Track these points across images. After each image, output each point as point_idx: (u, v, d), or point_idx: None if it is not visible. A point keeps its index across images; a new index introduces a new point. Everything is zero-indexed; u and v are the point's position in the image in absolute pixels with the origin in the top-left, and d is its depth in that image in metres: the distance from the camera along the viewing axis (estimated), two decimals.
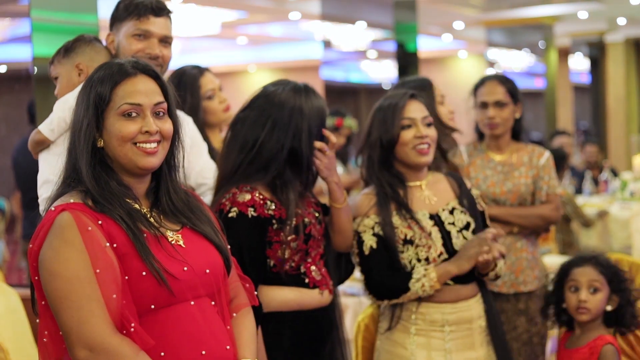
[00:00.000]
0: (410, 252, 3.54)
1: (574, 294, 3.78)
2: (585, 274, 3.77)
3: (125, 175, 2.62)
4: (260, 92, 3.42)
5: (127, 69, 2.62)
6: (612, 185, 10.88)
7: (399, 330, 3.60)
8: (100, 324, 2.40)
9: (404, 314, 3.58)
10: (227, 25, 13.82)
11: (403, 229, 3.55)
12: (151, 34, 3.53)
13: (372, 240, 3.56)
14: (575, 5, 14.22)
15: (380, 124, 3.64)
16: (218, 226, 2.83)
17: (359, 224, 3.59)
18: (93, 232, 2.47)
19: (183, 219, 2.69)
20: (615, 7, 14.03)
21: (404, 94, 3.69)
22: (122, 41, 3.54)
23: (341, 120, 7.77)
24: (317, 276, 3.41)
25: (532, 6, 14.36)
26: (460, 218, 3.65)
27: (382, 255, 3.55)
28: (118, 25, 3.57)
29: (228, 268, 2.75)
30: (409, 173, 3.67)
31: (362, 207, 3.62)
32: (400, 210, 3.59)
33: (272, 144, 3.31)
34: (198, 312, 2.58)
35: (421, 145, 3.61)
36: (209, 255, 2.67)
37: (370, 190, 3.66)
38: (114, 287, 2.44)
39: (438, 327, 3.56)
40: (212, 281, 2.64)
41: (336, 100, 12.90)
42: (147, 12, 3.54)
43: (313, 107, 3.39)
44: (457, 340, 3.58)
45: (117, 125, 2.57)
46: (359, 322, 3.90)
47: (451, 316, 3.56)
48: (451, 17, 14.68)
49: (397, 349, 3.60)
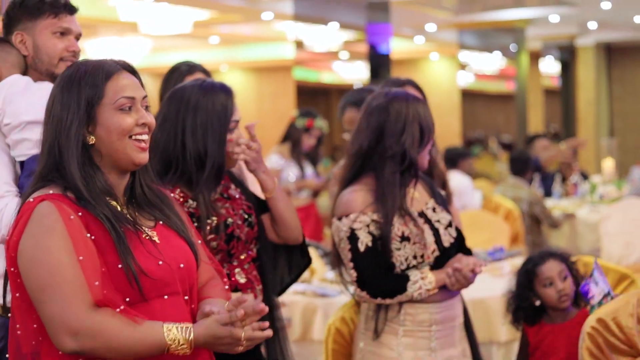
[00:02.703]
0: (407, 249, 3.54)
1: (550, 288, 4.00)
2: (554, 267, 4.02)
3: (112, 173, 2.62)
4: (169, 93, 3.43)
5: (112, 66, 2.64)
6: (581, 189, 10.95)
7: (386, 332, 3.61)
8: (83, 308, 2.40)
9: (392, 315, 3.59)
10: (199, 25, 13.81)
11: (399, 225, 3.55)
12: (70, 31, 3.48)
13: (368, 239, 3.54)
14: (547, 9, 14.32)
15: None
16: (189, 222, 2.85)
17: (353, 220, 3.57)
18: (75, 221, 2.47)
19: (157, 213, 2.71)
20: (587, 11, 14.13)
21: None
22: (40, 40, 3.44)
23: (312, 121, 7.78)
24: (240, 279, 3.39)
25: (504, 9, 14.44)
26: (443, 216, 3.69)
27: (377, 254, 3.54)
28: (28, 24, 3.45)
29: (198, 262, 2.76)
30: None
31: (358, 203, 3.59)
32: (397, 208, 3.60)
33: (169, 143, 3.31)
34: (171, 307, 2.58)
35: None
36: (182, 251, 2.68)
37: (362, 187, 3.64)
38: (96, 275, 2.45)
39: (426, 327, 3.59)
40: (186, 276, 2.65)
41: (308, 100, 12.94)
42: (63, 10, 3.49)
43: (210, 106, 3.36)
44: (442, 339, 3.62)
45: (115, 119, 2.57)
46: (330, 325, 3.89)
47: (438, 315, 3.60)
48: (423, 19, 14.73)
49: (384, 350, 3.60)
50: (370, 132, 3.65)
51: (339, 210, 3.64)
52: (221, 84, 3.46)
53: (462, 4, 14.10)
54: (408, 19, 14.50)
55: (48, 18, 3.46)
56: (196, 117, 3.32)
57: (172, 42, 16.46)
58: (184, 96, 3.36)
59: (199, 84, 3.40)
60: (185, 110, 3.33)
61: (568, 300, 4.00)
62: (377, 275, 3.55)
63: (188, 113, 3.33)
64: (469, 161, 10.12)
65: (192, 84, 3.41)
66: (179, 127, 3.32)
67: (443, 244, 3.63)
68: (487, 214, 8.36)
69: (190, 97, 3.35)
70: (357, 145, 3.68)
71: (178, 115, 3.33)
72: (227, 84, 3.48)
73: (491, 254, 6.20)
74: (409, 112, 3.63)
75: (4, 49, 3.49)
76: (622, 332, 3.78)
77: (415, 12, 13.70)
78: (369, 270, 3.55)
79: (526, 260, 4.16)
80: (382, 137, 3.61)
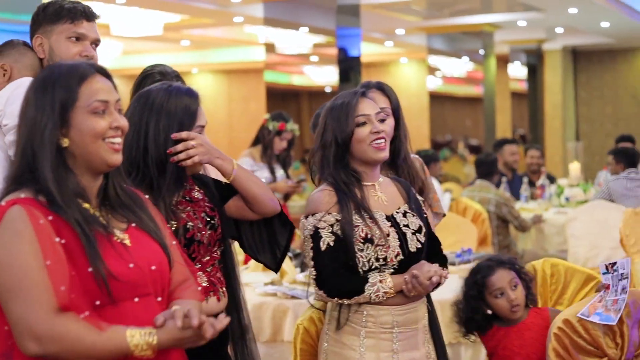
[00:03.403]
0: (370, 251, 3.53)
1: (501, 299, 4.07)
2: (503, 277, 4.09)
3: (85, 175, 2.63)
4: (135, 95, 3.43)
5: (86, 69, 2.65)
6: (548, 191, 11.02)
7: (348, 332, 3.61)
8: (46, 312, 2.42)
9: (354, 316, 3.59)
10: (170, 28, 13.80)
11: (363, 227, 3.55)
12: (85, 37, 3.67)
13: (330, 238, 3.54)
14: (515, 14, 14.41)
15: (334, 122, 3.64)
16: (162, 222, 2.87)
17: (319, 219, 3.57)
18: (44, 225, 2.48)
19: (130, 214, 2.72)
20: (554, 16, 14.23)
21: (355, 92, 3.71)
22: (55, 44, 3.64)
23: (284, 124, 7.79)
24: (202, 282, 3.37)
25: (472, 14, 14.53)
26: (413, 221, 3.67)
27: (338, 254, 3.54)
28: (48, 28, 3.67)
29: (171, 264, 2.78)
30: (365, 172, 3.68)
31: (324, 203, 3.59)
32: (359, 210, 3.59)
33: (132, 146, 3.28)
34: (142, 309, 2.60)
35: (377, 140, 3.62)
36: (154, 253, 2.69)
37: (327, 187, 3.64)
38: (64, 280, 2.46)
39: (388, 329, 3.58)
40: (158, 279, 2.67)
41: (278, 103, 12.97)
42: (80, 17, 3.67)
43: (173, 110, 3.33)
44: (404, 341, 3.61)
45: (88, 122, 2.59)
46: (298, 325, 3.89)
47: (400, 317, 3.59)
48: (393, 23, 14.79)
49: (346, 351, 3.60)
50: (318, 135, 3.73)
51: (307, 208, 3.65)
52: (188, 88, 3.43)
53: (431, 8, 14.16)
54: (378, 23, 14.55)
55: (65, 23, 3.63)
56: (159, 121, 3.30)
57: (143, 44, 16.43)
58: (149, 99, 3.34)
59: (165, 87, 3.38)
60: (149, 114, 3.31)
61: (520, 310, 4.05)
62: (336, 274, 3.55)
63: (151, 117, 3.30)
64: (438, 165, 10.18)
65: (158, 88, 3.39)
66: (142, 131, 3.30)
67: (409, 248, 3.61)
68: (455, 216, 8.39)
69: (155, 100, 3.32)
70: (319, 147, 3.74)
71: (142, 118, 3.31)
72: (195, 88, 3.45)
73: (459, 255, 6.25)
74: (325, 114, 3.70)
75: (19, 51, 3.61)
76: (588, 334, 3.85)
77: (385, 16, 13.76)
78: (328, 270, 3.54)
79: (474, 270, 4.20)
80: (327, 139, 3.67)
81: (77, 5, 3.69)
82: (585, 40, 17.72)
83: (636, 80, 18.74)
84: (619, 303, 3.81)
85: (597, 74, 19.14)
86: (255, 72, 18.27)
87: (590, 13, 13.79)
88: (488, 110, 16.13)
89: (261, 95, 13.73)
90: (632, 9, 13.61)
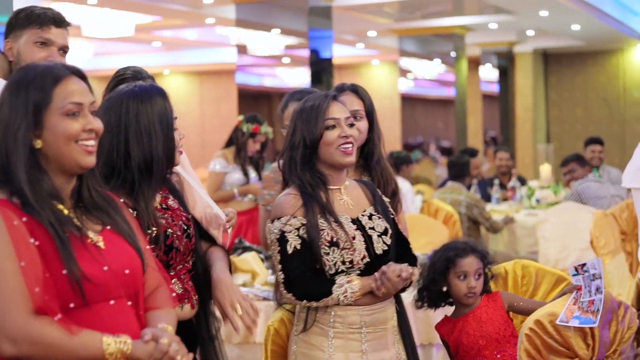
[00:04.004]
0: (336, 254, 3.54)
1: (462, 281, 4.13)
2: (472, 264, 4.15)
3: (59, 176, 2.62)
4: (104, 102, 3.40)
5: (61, 70, 2.65)
6: (519, 193, 11.09)
7: (316, 333, 3.61)
8: (22, 314, 2.42)
9: (322, 317, 3.59)
10: (142, 29, 13.77)
11: (329, 231, 3.56)
12: (52, 42, 3.70)
13: (297, 242, 3.55)
14: (486, 16, 14.49)
15: (303, 124, 3.65)
16: (136, 225, 2.87)
17: (284, 223, 3.58)
18: (18, 227, 2.48)
19: (105, 217, 2.72)
20: (525, 19, 14.30)
21: (327, 95, 3.72)
22: (23, 48, 3.69)
23: (258, 126, 7.79)
24: (177, 289, 3.38)
25: (444, 17, 14.58)
26: (378, 223, 3.68)
27: (305, 257, 3.55)
28: (18, 33, 3.73)
29: (144, 268, 2.78)
30: (331, 175, 3.69)
31: (289, 206, 3.60)
32: (324, 213, 3.60)
33: (112, 152, 3.27)
34: (117, 312, 2.61)
35: (345, 145, 3.63)
36: (128, 256, 2.69)
37: (293, 190, 3.65)
38: (38, 281, 2.46)
39: (356, 329, 3.59)
40: (131, 282, 2.67)
41: (250, 105, 12.95)
42: (49, 22, 3.71)
43: (150, 111, 3.32)
44: (373, 341, 3.62)
45: (62, 124, 2.58)
46: (269, 326, 3.88)
47: (368, 318, 3.59)
48: (365, 25, 14.82)
49: (315, 352, 3.61)
50: (287, 136, 3.74)
51: (273, 212, 3.66)
52: (154, 86, 3.43)
53: (402, 11, 14.20)
54: (350, 25, 14.58)
55: (33, 28, 3.68)
56: (139, 125, 3.28)
57: (114, 45, 16.39)
58: (122, 105, 3.31)
59: (134, 91, 3.35)
60: (127, 120, 3.28)
61: (474, 297, 4.12)
62: (304, 277, 3.55)
63: (130, 123, 3.28)
64: (411, 167, 10.21)
65: (126, 93, 3.35)
66: (122, 136, 3.27)
67: (375, 251, 3.62)
68: (426, 217, 8.43)
69: (129, 106, 3.30)
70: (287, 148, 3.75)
71: (119, 124, 3.28)
72: (159, 86, 3.46)
73: (430, 257, 6.26)
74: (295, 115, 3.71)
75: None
76: (559, 334, 3.87)
77: (357, 18, 13.78)
78: (295, 273, 3.55)
79: (448, 247, 4.24)
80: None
81: (47, 11, 3.74)
82: (556, 43, 17.83)
83: (606, 82, 18.87)
84: (596, 303, 3.83)
85: (568, 77, 19.26)
86: (227, 73, 18.26)
87: (561, 16, 13.88)
88: (459, 113, 16.19)
89: (233, 97, 13.73)
90: (602, 12, 13.70)
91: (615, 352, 4.00)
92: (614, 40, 17.37)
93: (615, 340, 3.99)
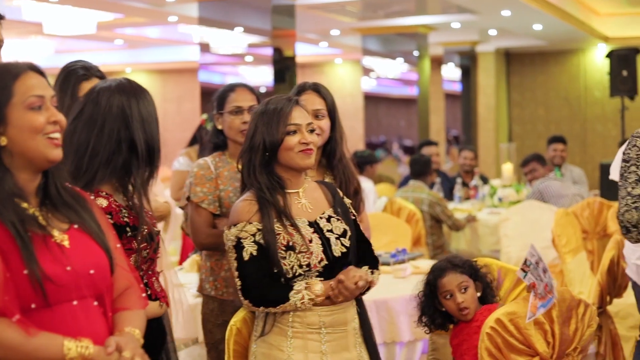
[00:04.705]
0: (292, 258, 3.55)
1: (450, 300, 4.17)
2: (452, 281, 4.18)
3: (23, 173, 2.61)
4: (85, 99, 3.42)
5: (18, 66, 2.64)
6: (481, 192, 11.14)
7: (276, 333, 3.61)
8: None
9: (281, 317, 3.59)
10: (103, 26, 13.70)
11: (285, 235, 3.56)
12: None
13: (253, 248, 3.55)
14: (449, 16, 14.53)
15: (264, 127, 3.65)
16: (106, 223, 2.85)
17: (240, 229, 3.58)
18: None
19: (72, 214, 2.70)
20: (487, 18, 14.36)
21: (290, 99, 3.73)
22: None
23: None
24: (158, 288, 3.42)
25: (407, 16, 14.61)
26: (337, 225, 3.69)
27: (261, 263, 3.54)
28: None
29: (112, 268, 2.76)
30: (289, 179, 3.70)
31: (244, 213, 3.60)
32: (280, 217, 3.60)
33: (106, 140, 3.29)
34: (80, 312, 2.59)
35: (305, 151, 3.65)
36: (94, 256, 2.67)
37: (249, 196, 3.65)
38: None
39: (315, 329, 3.59)
40: (96, 282, 2.65)
41: None
42: None
43: (146, 102, 3.41)
44: (333, 342, 3.62)
45: (26, 118, 2.57)
46: (231, 326, 3.87)
47: (327, 318, 3.60)
48: (328, 24, 14.83)
49: (274, 352, 3.60)
50: (247, 138, 3.74)
51: (230, 219, 3.66)
52: (131, 82, 3.46)
53: (366, 10, 14.22)
54: (313, 24, 14.58)
55: None
56: (141, 114, 3.34)
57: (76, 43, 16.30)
58: (113, 105, 3.32)
59: (121, 89, 3.37)
60: (129, 118, 3.31)
61: (469, 312, 4.14)
62: (260, 284, 3.55)
63: (133, 112, 3.32)
64: (375, 166, 10.23)
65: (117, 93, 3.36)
66: (122, 132, 3.30)
67: (333, 253, 3.62)
68: (389, 216, 8.44)
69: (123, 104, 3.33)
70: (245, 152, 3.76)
71: (123, 114, 3.31)
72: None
73: (394, 256, 6.28)
74: (256, 117, 3.71)
75: None
76: (520, 333, 3.89)
77: (320, 17, 13.79)
78: (251, 279, 3.55)
79: (430, 270, 4.28)
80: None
81: None
82: (518, 43, 17.92)
83: (568, 82, 18.99)
84: (549, 283, 3.87)
85: (530, 76, 19.36)
86: (189, 72, 18.23)
87: (523, 16, 13.95)
88: (422, 111, 16.23)
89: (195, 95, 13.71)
90: (564, 12, 13.79)
91: (576, 349, 4.02)
92: (576, 40, 17.48)
93: (576, 337, 4.02)
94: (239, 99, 4.51)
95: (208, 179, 4.37)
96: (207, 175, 4.40)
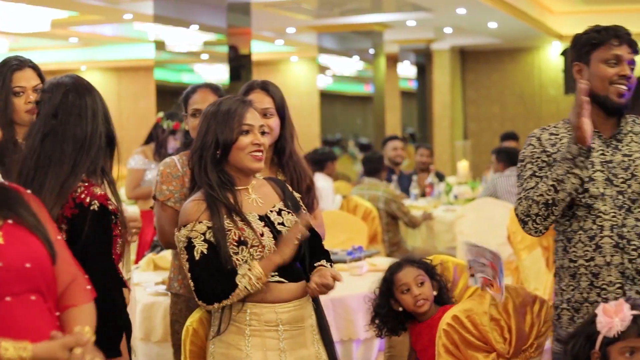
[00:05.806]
0: (245, 253, 3.55)
1: (407, 294, 4.19)
2: (409, 274, 4.22)
3: None
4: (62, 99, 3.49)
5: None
6: (437, 189, 11.19)
7: (233, 332, 3.61)
8: None
9: (238, 316, 3.60)
10: (58, 24, 13.59)
11: (236, 230, 3.57)
12: None
13: (203, 247, 3.55)
14: (404, 14, 14.57)
15: (218, 126, 3.67)
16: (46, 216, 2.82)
17: (190, 229, 3.58)
18: None
19: (5, 211, 2.66)
20: (442, 16, 14.42)
21: (244, 101, 3.75)
22: None
23: (178, 123, 7.73)
24: (126, 275, 3.47)
25: (362, 14, 14.64)
26: (288, 218, 3.70)
27: (212, 261, 3.54)
28: None
29: (54, 259, 2.72)
30: (239, 177, 3.71)
31: (193, 213, 3.61)
32: (230, 214, 3.61)
33: (93, 133, 3.48)
34: (17, 308, 2.55)
35: (256, 152, 3.67)
36: (31, 250, 2.64)
37: (198, 196, 3.66)
38: None
39: (272, 327, 3.60)
40: (34, 275, 2.61)
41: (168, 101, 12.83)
42: None
43: (97, 97, 3.60)
44: (291, 340, 3.63)
45: None
46: (187, 327, 3.86)
47: (284, 315, 3.61)
48: (284, 22, 14.82)
49: (232, 351, 3.60)
50: (198, 137, 3.77)
51: (179, 221, 3.67)
52: (75, 76, 3.57)
53: (321, 7, 14.23)
54: (268, 22, 14.57)
55: None
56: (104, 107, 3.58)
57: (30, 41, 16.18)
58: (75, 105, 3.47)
59: (75, 90, 3.49)
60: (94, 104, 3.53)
61: (425, 304, 4.17)
62: (211, 279, 3.56)
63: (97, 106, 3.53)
64: (334, 164, 10.24)
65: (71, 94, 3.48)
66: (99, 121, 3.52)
67: None
68: (345, 214, 8.46)
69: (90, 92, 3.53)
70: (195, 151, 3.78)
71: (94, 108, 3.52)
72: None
73: (350, 253, 6.29)
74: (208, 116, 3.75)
75: None
76: (477, 329, 3.92)
77: (276, 15, 13.78)
78: (203, 278, 3.56)
79: (387, 270, 4.32)
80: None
81: None
82: (473, 41, 18.02)
83: (522, 80, 19.13)
84: (495, 261, 3.89)
85: (485, 74, 19.49)
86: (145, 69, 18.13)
87: (478, 14, 14.03)
88: (378, 109, 16.28)
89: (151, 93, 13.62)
90: (519, 10, 13.88)
91: (532, 345, 4.06)
92: (530, 38, 17.61)
93: (532, 334, 4.05)
94: (198, 101, 4.52)
95: (174, 177, 4.36)
96: (174, 173, 4.38)
